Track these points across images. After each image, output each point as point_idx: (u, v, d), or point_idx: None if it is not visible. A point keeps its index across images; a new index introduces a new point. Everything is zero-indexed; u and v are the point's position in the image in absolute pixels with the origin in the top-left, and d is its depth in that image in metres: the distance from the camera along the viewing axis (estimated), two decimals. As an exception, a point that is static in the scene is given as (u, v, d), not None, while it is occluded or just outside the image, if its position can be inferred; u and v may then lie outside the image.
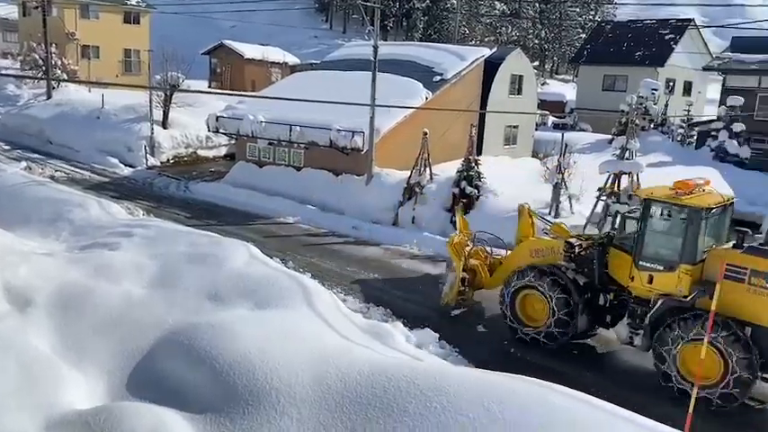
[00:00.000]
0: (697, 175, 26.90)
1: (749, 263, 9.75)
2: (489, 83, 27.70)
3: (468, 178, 19.96)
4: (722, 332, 9.51)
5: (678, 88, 43.08)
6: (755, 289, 9.64)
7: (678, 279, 10.25)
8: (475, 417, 6.62)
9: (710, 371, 9.62)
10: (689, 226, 10.23)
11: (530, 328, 11.76)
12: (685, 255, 10.22)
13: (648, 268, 10.61)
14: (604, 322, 11.57)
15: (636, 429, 6.46)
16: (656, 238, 10.75)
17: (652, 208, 10.69)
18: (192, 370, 8.12)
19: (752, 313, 9.67)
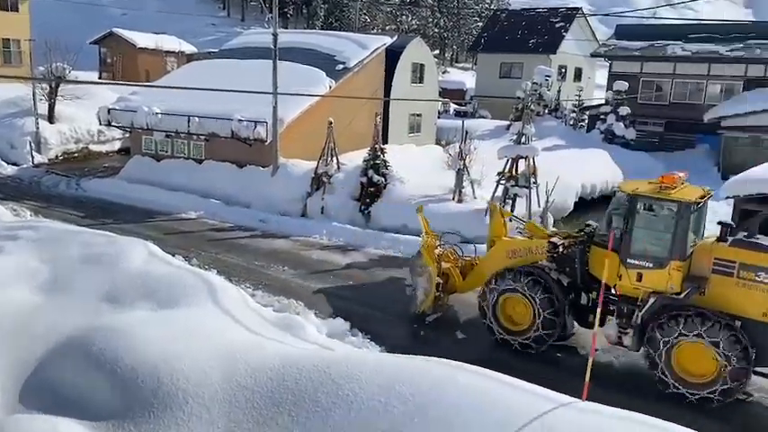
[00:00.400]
0: (590, 156, 28.29)
1: (738, 256, 9.66)
2: (391, 71, 27.97)
3: (374, 167, 20.08)
4: (720, 329, 9.35)
5: (569, 74, 45.26)
6: (744, 282, 9.56)
7: (669, 276, 9.98)
8: (386, 401, 6.70)
9: (708, 368, 9.57)
10: (679, 221, 9.92)
11: (515, 334, 11.22)
12: (675, 250, 9.93)
13: (637, 266, 10.28)
14: (587, 322, 11.08)
15: (545, 403, 6.75)
16: (644, 235, 10.36)
17: (639, 204, 10.30)
18: (91, 376, 7.71)
19: (740, 307, 9.59)
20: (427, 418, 6.45)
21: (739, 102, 30.09)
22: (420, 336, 12.01)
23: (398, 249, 17.35)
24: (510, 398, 6.83)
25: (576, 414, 6.75)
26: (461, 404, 6.58)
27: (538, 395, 7.04)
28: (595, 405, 7.27)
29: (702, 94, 33.47)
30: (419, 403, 6.61)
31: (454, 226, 18.36)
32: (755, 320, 9.48)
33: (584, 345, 11.41)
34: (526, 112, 19.19)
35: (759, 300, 9.46)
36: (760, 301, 9.45)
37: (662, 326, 9.81)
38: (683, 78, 33.97)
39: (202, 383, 7.44)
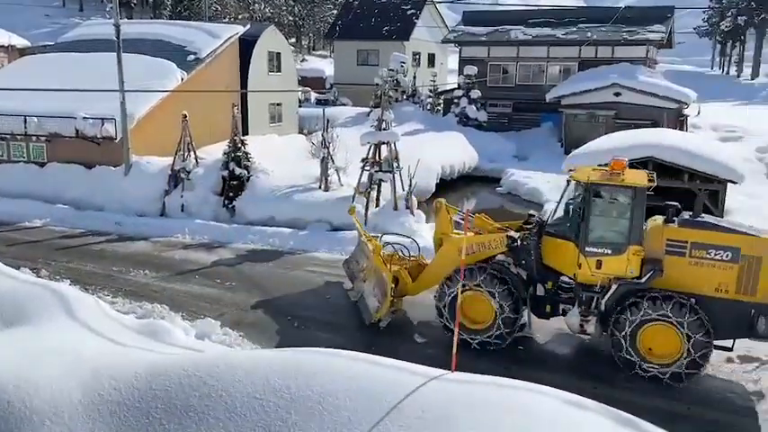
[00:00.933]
0: (447, 139, 29.40)
1: (689, 236, 9.99)
2: (247, 61, 27.33)
3: (236, 159, 19.58)
4: (682, 308, 9.73)
5: (423, 60, 46.73)
6: (696, 261, 9.93)
7: (628, 261, 10.18)
8: (262, 396, 6.62)
9: (673, 347, 9.94)
10: (634, 206, 10.15)
11: (475, 332, 10.99)
12: (633, 236, 10.15)
13: (596, 253, 10.35)
14: (544, 313, 11.13)
15: (417, 378, 6.97)
16: (601, 223, 10.49)
17: (594, 192, 10.35)
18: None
19: (694, 284, 9.95)
20: (304, 408, 6.45)
21: (575, 81, 32.71)
22: (294, 328, 11.95)
23: (267, 243, 17.11)
24: (383, 376, 6.99)
25: (447, 384, 7.05)
26: (336, 390, 6.65)
27: (409, 371, 7.26)
28: (465, 375, 7.64)
29: (544, 75, 35.99)
30: (294, 394, 6.60)
31: (323, 214, 18.45)
32: (709, 296, 9.92)
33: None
34: (384, 99, 19.58)
35: (711, 276, 9.90)
36: (712, 278, 9.90)
37: (627, 310, 10.05)
38: (526, 61, 36.32)
39: (61, 402, 6.92)
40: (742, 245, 9.78)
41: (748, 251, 9.73)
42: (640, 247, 10.14)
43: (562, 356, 11.34)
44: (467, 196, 26.74)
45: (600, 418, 6.94)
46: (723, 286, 9.88)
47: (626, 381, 10.15)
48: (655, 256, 10.13)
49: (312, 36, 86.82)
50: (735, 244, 9.80)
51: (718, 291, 9.92)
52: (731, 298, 9.85)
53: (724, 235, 9.91)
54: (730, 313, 9.83)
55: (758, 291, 9.72)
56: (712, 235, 9.95)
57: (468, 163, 28.09)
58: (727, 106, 48.97)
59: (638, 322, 9.98)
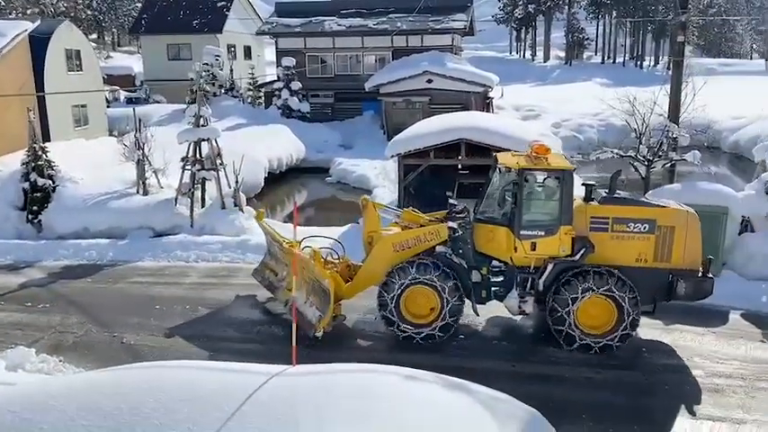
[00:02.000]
0: (272, 132, 29.11)
1: (610, 212, 10.65)
2: (41, 61, 24.81)
3: (37, 169, 17.77)
4: (615, 281, 10.34)
5: (239, 53, 45.70)
6: (617, 234, 10.61)
7: (560, 240, 10.63)
8: (88, 422, 6.10)
9: (607, 318, 10.61)
10: (564, 188, 10.57)
11: (419, 326, 10.99)
12: (564, 216, 10.59)
13: (530, 236, 10.69)
14: (481, 299, 11.30)
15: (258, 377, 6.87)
16: (533, 206, 10.91)
17: (525, 177, 10.68)
18: None
19: (616, 257, 10.62)
20: (138, 427, 6.07)
21: (390, 70, 33.99)
22: (120, 345, 11.17)
23: (83, 257, 15.80)
24: (223, 381, 6.79)
25: (291, 379, 7.04)
26: (174, 401, 6.31)
27: (251, 372, 7.13)
28: (307, 366, 7.68)
29: (361, 64, 36.94)
30: (127, 414, 6.17)
31: (144, 220, 17.41)
32: (630, 267, 10.63)
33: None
34: (200, 94, 18.85)
35: (631, 247, 10.63)
36: (632, 249, 10.63)
37: (564, 287, 10.54)
38: (343, 51, 37.00)
39: None
40: (657, 216, 10.60)
41: (663, 222, 10.58)
42: (571, 226, 10.65)
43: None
44: (297, 189, 26.78)
45: (435, 386, 7.36)
46: (643, 256, 10.65)
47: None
48: (581, 234, 10.69)
49: (116, 31, 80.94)
50: (651, 216, 10.60)
51: (638, 261, 10.66)
52: (650, 266, 10.64)
53: (641, 209, 10.71)
54: (651, 280, 10.60)
55: (672, 257, 10.61)
56: (631, 209, 10.69)
57: (296, 155, 28.09)
58: (526, 87, 53.93)
59: (575, 298, 10.52)
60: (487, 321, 12.03)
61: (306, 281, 11.41)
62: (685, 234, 10.62)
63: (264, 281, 12.84)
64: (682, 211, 10.82)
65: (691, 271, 10.71)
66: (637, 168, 17.19)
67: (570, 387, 9.83)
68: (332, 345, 10.95)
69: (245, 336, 11.49)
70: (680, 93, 17.51)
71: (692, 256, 10.70)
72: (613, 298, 10.46)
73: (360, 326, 11.94)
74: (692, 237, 10.68)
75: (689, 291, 10.69)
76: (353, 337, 11.54)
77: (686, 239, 10.63)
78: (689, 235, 10.65)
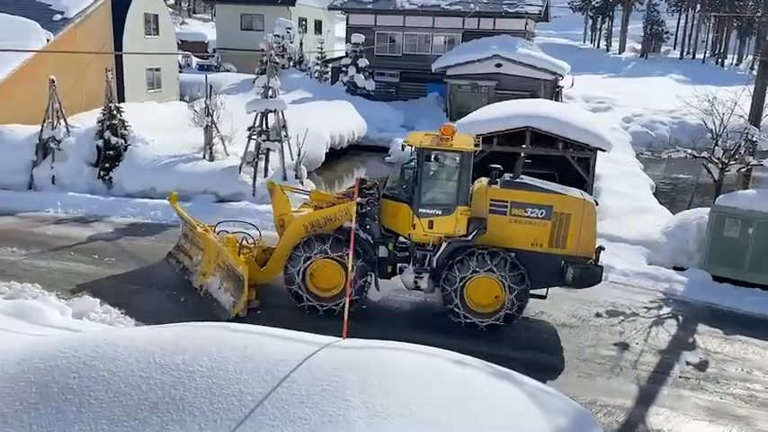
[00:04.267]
0: (336, 108, 29.29)
1: (509, 196, 10.87)
2: (121, 23, 25.60)
3: (111, 128, 18.45)
4: (504, 263, 10.61)
5: (310, 27, 45.92)
6: (515, 218, 10.86)
7: (456, 221, 10.92)
8: (146, 374, 6.39)
9: (494, 298, 10.91)
10: (462, 169, 10.85)
11: (325, 300, 11.25)
12: (461, 197, 10.88)
13: (428, 214, 11.00)
14: (386, 273, 11.50)
15: (309, 347, 7.02)
16: (432, 185, 11.22)
17: (426, 156, 10.91)
18: None
19: (513, 240, 10.88)
20: (192, 384, 6.31)
21: (459, 52, 33.52)
22: (179, 302, 11.59)
23: (148, 216, 16.41)
24: (275, 347, 6.98)
25: (339, 351, 7.16)
26: (226, 363, 6.55)
27: (303, 341, 7.30)
28: (355, 341, 7.79)
29: (429, 45, 36.55)
30: (182, 370, 6.43)
31: (209, 185, 17.89)
32: (526, 250, 10.87)
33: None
34: (271, 65, 19.08)
35: (528, 232, 10.86)
36: (528, 234, 10.86)
37: (455, 266, 10.77)
38: (413, 31, 36.68)
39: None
40: (554, 203, 10.79)
41: (560, 209, 10.76)
42: (467, 207, 10.91)
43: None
44: (356, 166, 26.90)
45: (481, 373, 7.34)
46: (539, 241, 10.87)
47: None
48: (480, 215, 10.95)
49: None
50: (548, 203, 10.80)
51: (534, 245, 10.89)
52: (545, 251, 10.84)
53: (539, 194, 10.91)
54: (545, 265, 10.80)
55: (567, 244, 10.79)
56: (529, 195, 10.90)
57: (357, 132, 28.18)
58: (597, 78, 52.28)
59: (465, 277, 10.77)
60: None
61: (220, 266, 11.41)
62: (581, 222, 10.78)
63: (178, 265, 12.65)
64: (579, 199, 10.94)
65: (583, 258, 10.86)
66: (710, 171, 16.52)
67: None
68: (383, 321, 11.07)
69: (298, 306, 11.70)
70: (764, 94, 16.66)
71: (586, 243, 10.87)
72: (502, 280, 10.66)
73: (411, 305, 12.00)
74: (588, 225, 10.85)
75: (577, 277, 10.83)
76: (403, 315, 11.60)
77: (581, 227, 10.79)
78: (584, 223, 10.81)
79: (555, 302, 12.16)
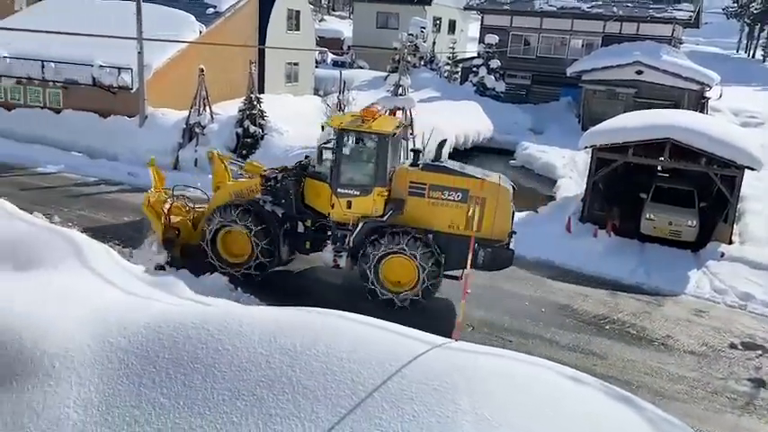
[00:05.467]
0: (463, 108, 29.09)
1: (427, 179, 11.20)
2: (266, 18, 27.00)
3: (251, 117, 19.54)
4: (416, 242, 10.98)
5: (444, 27, 45.97)
6: (433, 201, 11.20)
7: (373, 201, 11.28)
8: (267, 352, 6.73)
9: (409, 276, 11.26)
10: (379, 151, 11.15)
11: (236, 265, 11.91)
12: (378, 178, 11.22)
13: (347, 194, 11.37)
14: (305, 249, 12.14)
15: (421, 345, 7.07)
16: (351, 166, 11.51)
17: (345, 137, 11.33)
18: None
19: (431, 222, 11.24)
20: (308, 367, 6.56)
21: (597, 57, 32.16)
22: (300, 286, 12.07)
23: (277, 202, 17.12)
24: (387, 340, 7.09)
25: (451, 353, 7.15)
26: (341, 351, 6.75)
27: (413, 337, 7.36)
28: (467, 344, 7.74)
29: (566, 48, 35.38)
30: (300, 352, 6.71)
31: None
32: (443, 232, 11.23)
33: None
34: (403, 64, 19.35)
35: (445, 214, 11.19)
36: (445, 216, 11.18)
37: (371, 244, 11.19)
38: (549, 33, 35.66)
39: (71, 346, 7.05)
40: (470, 187, 11.00)
41: (476, 193, 10.90)
42: (384, 188, 11.20)
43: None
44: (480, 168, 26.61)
45: (598, 393, 7.02)
46: (455, 223, 11.14)
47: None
48: (400, 197, 11.31)
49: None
50: (464, 186, 11.05)
51: (450, 227, 11.19)
52: (461, 233, 10.92)
53: (455, 178, 11.14)
54: (460, 247, 10.61)
55: (483, 227, 10.77)
56: (446, 178, 11.15)
57: (483, 133, 27.88)
58: (749, 91, 48.06)
59: (380, 255, 11.14)
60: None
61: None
62: (496, 206, 10.99)
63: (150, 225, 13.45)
64: (494, 184, 11.09)
65: (497, 241, 11.11)
66: None
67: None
68: (497, 327, 10.90)
69: (412, 302, 11.79)
70: None
71: (500, 227, 11.10)
72: (414, 259, 10.98)
73: (524, 316, 11.73)
74: (502, 209, 11.08)
75: (488, 260, 11.14)
76: (511, 324, 11.36)
77: (496, 211, 11.00)
78: (499, 207, 11.02)
79: (683, 327, 11.39)
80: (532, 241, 14.94)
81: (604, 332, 11.38)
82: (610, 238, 15.53)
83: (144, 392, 6.49)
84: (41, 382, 6.63)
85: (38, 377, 6.69)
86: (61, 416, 6.33)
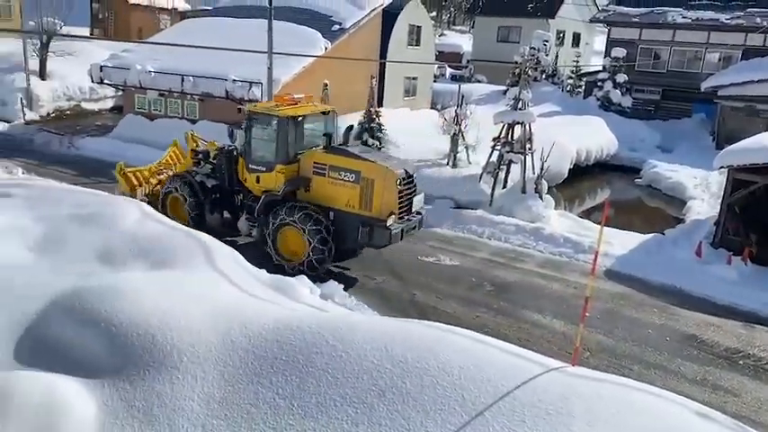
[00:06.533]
0: (586, 123, 28.10)
1: (328, 160, 12.36)
2: (388, 33, 27.60)
3: (369, 130, 19.98)
4: (306, 217, 12.17)
5: (568, 40, 44.79)
6: (332, 180, 12.31)
7: (276, 177, 12.64)
8: (379, 362, 6.78)
9: (300, 247, 12.41)
10: (279, 132, 12.52)
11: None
12: (279, 156, 12.59)
13: (256, 170, 12.94)
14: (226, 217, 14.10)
15: (535, 367, 6.85)
16: (258, 145, 12.99)
17: (254, 119, 12.89)
18: (85, 335, 7.75)
19: (331, 200, 12.37)
20: (418, 379, 6.54)
21: (737, 71, 29.93)
22: (413, 299, 12.11)
23: (392, 213, 17.36)
24: (500, 360, 6.92)
25: (567, 378, 6.85)
26: (452, 365, 6.67)
27: (528, 359, 7.14)
28: (584, 370, 7.39)
29: (700, 62, 33.25)
30: (411, 364, 6.70)
31: (448, 191, 18.44)
32: (341, 210, 12.31)
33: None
34: (523, 78, 19.01)
35: (343, 194, 12.24)
36: (343, 195, 12.24)
37: (270, 216, 12.59)
38: (682, 46, 33.69)
39: (196, 342, 7.49)
40: (362, 169, 12.01)
41: (366, 174, 11.95)
42: (286, 166, 12.57)
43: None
44: (601, 185, 25.58)
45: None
46: (351, 202, 12.21)
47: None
48: (306, 176, 12.61)
49: (453, 10, 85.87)
50: (357, 168, 12.07)
51: (347, 205, 12.26)
52: (356, 212, 12.14)
53: (351, 160, 12.16)
54: (352, 224, 12.13)
55: (373, 206, 11.94)
56: (343, 160, 12.23)
57: (606, 150, 26.75)
58: None
59: (276, 224, 12.50)
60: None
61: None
62: (383, 187, 11.86)
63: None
64: (382, 166, 11.98)
65: (378, 220, 11.90)
66: None
67: None
68: (617, 354, 10.37)
69: (524, 320, 11.48)
70: None
71: (386, 207, 11.93)
72: (300, 231, 12.18)
73: (647, 344, 11.05)
74: (388, 190, 11.91)
75: (365, 238, 12.14)
76: (631, 352, 10.72)
77: (383, 192, 11.89)
78: (386, 189, 11.88)
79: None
80: (658, 265, 14.13)
81: (737, 367, 10.49)
82: (746, 266, 14.33)
83: (261, 392, 6.75)
84: (170, 374, 7.09)
85: (167, 369, 7.16)
86: (185, 407, 6.72)
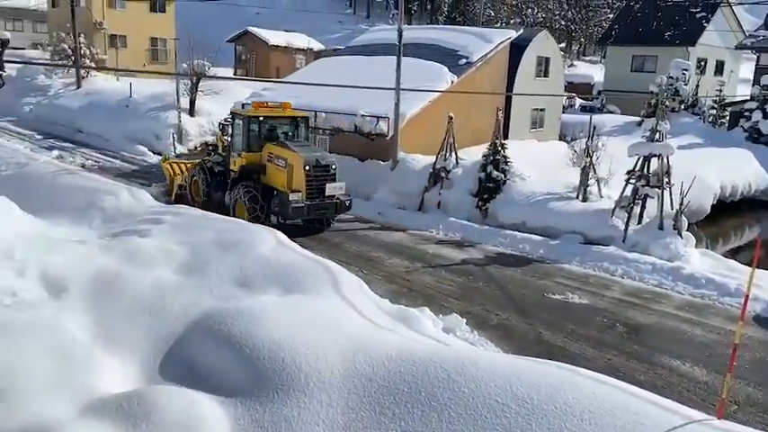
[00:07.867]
0: (730, 156, 26.16)
1: (273, 150, 17.01)
2: (515, 66, 27.40)
3: (494, 162, 19.80)
4: (246, 194, 16.87)
5: (710, 68, 42.10)
6: (275, 167, 16.91)
7: (239, 161, 17.56)
8: (503, 401, 6.61)
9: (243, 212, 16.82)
10: (243, 128, 17.49)
11: (197, 195, 19.42)
12: (243, 146, 17.58)
13: (233, 156, 18.02)
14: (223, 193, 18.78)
15: (673, 416, 6.37)
16: (237, 136, 17.95)
17: (234, 118, 18.25)
18: (221, 355, 8.24)
19: (276, 182, 16.89)
20: (545, 422, 6.29)
21: None
22: (538, 336, 11.71)
23: (516, 247, 17.03)
24: (635, 408, 6.50)
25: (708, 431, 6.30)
26: (581, 410, 6.35)
27: (666, 408, 6.65)
28: (733, 425, 6.76)
29: None
30: (536, 405, 6.46)
31: (577, 225, 17.79)
32: (281, 190, 16.58)
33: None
34: (660, 108, 18.04)
35: (281, 177, 16.69)
36: (282, 179, 16.66)
37: (230, 190, 17.74)
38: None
39: (322, 368, 7.71)
40: (288, 156, 16.50)
41: (290, 162, 16.41)
42: (248, 153, 17.48)
43: None
44: (749, 223, 23.55)
45: None
46: (284, 183, 16.55)
47: None
48: (264, 163, 17.29)
49: (583, 41, 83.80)
50: (286, 156, 16.56)
51: (283, 186, 16.61)
52: (283, 191, 16.48)
53: (285, 150, 16.71)
54: (283, 201, 16.34)
55: (293, 186, 16.37)
56: (281, 150, 16.80)
57: (755, 185, 24.68)
58: None
59: (234, 198, 17.37)
60: None
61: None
62: (294, 170, 16.33)
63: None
64: (297, 154, 16.34)
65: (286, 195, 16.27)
66: None
67: None
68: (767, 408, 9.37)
69: (661, 366, 10.70)
70: None
71: (297, 187, 16.32)
72: (244, 203, 16.94)
73: None
74: (297, 173, 16.30)
75: (275, 208, 16.93)
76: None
77: (294, 174, 16.35)
78: (296, 171, 16.30)
79: None
80: (819, 313, 12.68)
81: None
82: None
83: (384, 422, 6.80)
84: (297, 398, 7.33)
85: (294, 393, 7.41)
86: None
